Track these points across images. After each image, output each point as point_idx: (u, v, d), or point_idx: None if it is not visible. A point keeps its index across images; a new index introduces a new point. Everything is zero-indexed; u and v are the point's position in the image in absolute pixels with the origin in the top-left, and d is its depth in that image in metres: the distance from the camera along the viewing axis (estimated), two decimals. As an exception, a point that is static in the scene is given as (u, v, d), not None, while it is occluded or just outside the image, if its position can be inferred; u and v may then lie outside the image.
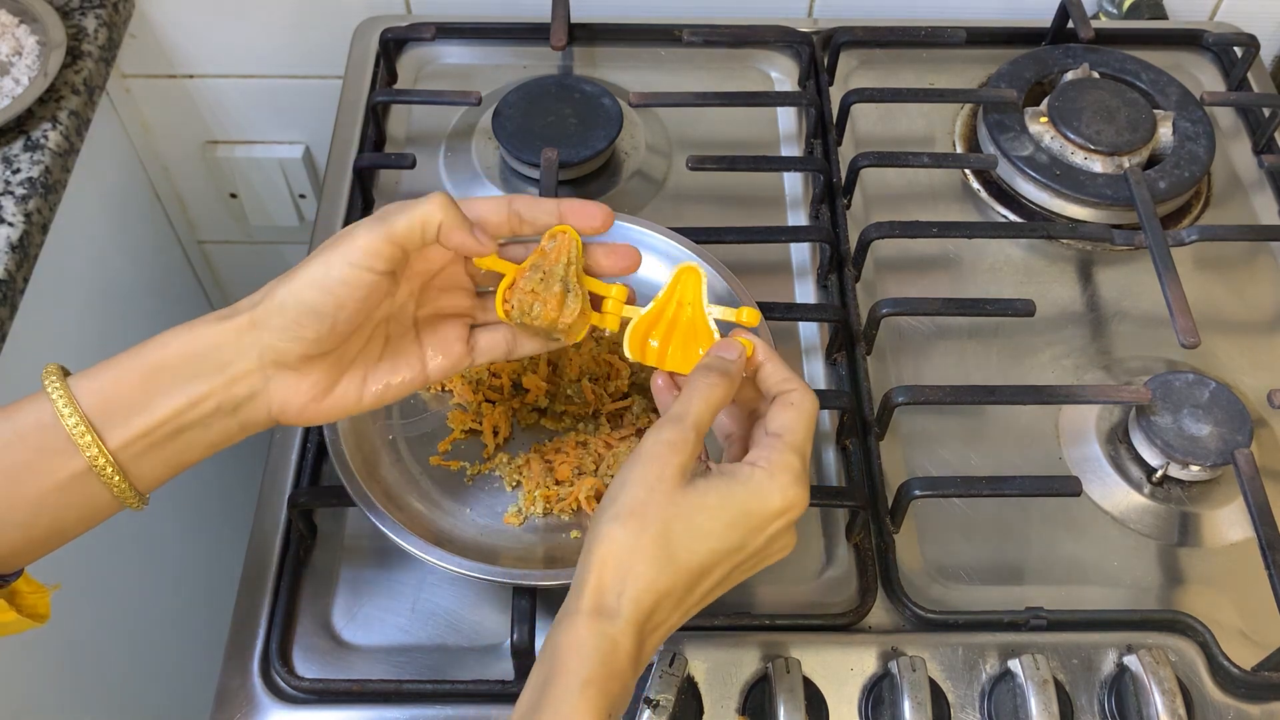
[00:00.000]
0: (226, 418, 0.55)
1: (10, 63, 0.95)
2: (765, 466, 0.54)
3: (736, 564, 0.54)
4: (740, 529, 0.53)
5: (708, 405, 0.56)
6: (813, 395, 0.58)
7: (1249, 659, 0.69)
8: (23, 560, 0.55)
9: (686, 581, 0.53)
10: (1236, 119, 1.00)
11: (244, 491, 0.87)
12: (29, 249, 0.89)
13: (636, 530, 0.52)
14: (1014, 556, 0.74)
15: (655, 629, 0.53)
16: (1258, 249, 0.92)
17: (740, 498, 0.54)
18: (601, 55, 1.03)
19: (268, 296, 0.55)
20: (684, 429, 0.55)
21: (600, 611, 0.51)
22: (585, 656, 0.50)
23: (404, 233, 0.56)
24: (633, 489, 0.53)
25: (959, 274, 0.89)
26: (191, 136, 1.23)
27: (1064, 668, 0.68)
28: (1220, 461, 0.74)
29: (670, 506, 0.52)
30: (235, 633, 0.70)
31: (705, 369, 0.58)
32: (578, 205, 0.60)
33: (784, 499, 0.54)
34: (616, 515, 0.53)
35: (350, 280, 0.55)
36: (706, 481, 0.54)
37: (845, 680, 0.68)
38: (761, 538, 0.54)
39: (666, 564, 0.52)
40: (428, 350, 0.61)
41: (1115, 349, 0.85)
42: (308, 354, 0.55)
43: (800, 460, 0.55)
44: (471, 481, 0.73)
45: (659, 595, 0.52)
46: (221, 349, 0.55)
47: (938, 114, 1.00)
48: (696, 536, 0.52)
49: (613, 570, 0.51)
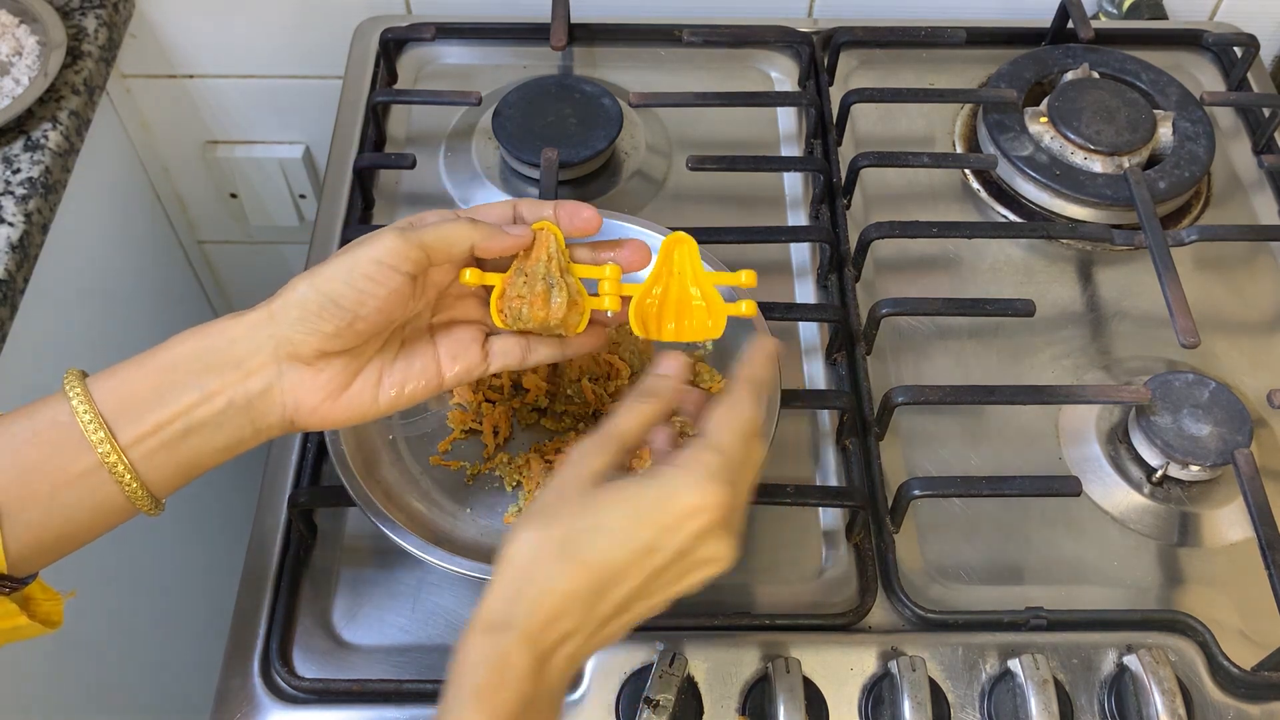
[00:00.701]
0: (239, 415, 0.55)
1: (10, 63, 0.95)
2: (677, 464, 0.52)
3: (654, 569, 0.51)
4: (648, 526, 0.50)
5: (636, 419, 0.55)
6: (753, 400, 0.56)
7: (1249, 659, 0.69)
8: (36, 564, 0.54)
9: (591, 584, 0.50)
10: (1236, 119, 1.00)
11: (244, 491, 0.87)
12: (29, 249, 0.89)
13: (540, 531, 0.51)
14: (1014, 556, 0.74)
15: (563, 639, 0.50)
16: (1258, 249, 0.92)
17: (646, 494, 0.51)
18: (601, 55, 1.03)
19: (288, 290, 0.56)
20: (604, 437, 0.54)
21: (493, 624, 0.49)
22: (473, 666, 0.49)
23: (433, 242, 0.56)
24: (544, 495, 0.52)
25: (959, 274, 0.89)
26: (191, 136, 1.23)
27: (1064, 668, 0.68)
28: (1220, 461, 0.74)
29: (576, 505, 0.51)
30: (235, 633, 0.70)
31: (639, 389, 0.57)
32: (569, 207, 0.61)
33: (698, 495, 0.51)
34: (525, 521, 0.52)
35: (375, 276, 0.55)
36: (618, 482, 0.52)
37: (845, 680, 0.68)
38: (675, 539, 0.51)
39: (568, 563, 0.50)
40: (444, 356, 0.61)
41: (1115, 349, 0.85)
42: (323, 348, 0.55)
43: (718, 457, 0.52)
44: (471, 481, 0.73)
45: (561, 597, 0.49)
46: (235, 343, 0.55)
47: (938, 114, 1.00)
48: (600, 533, 0.50)
49: (511, 577, 0.50)
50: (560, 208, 0.61)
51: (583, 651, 0.51)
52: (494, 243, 0.58)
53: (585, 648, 0.51)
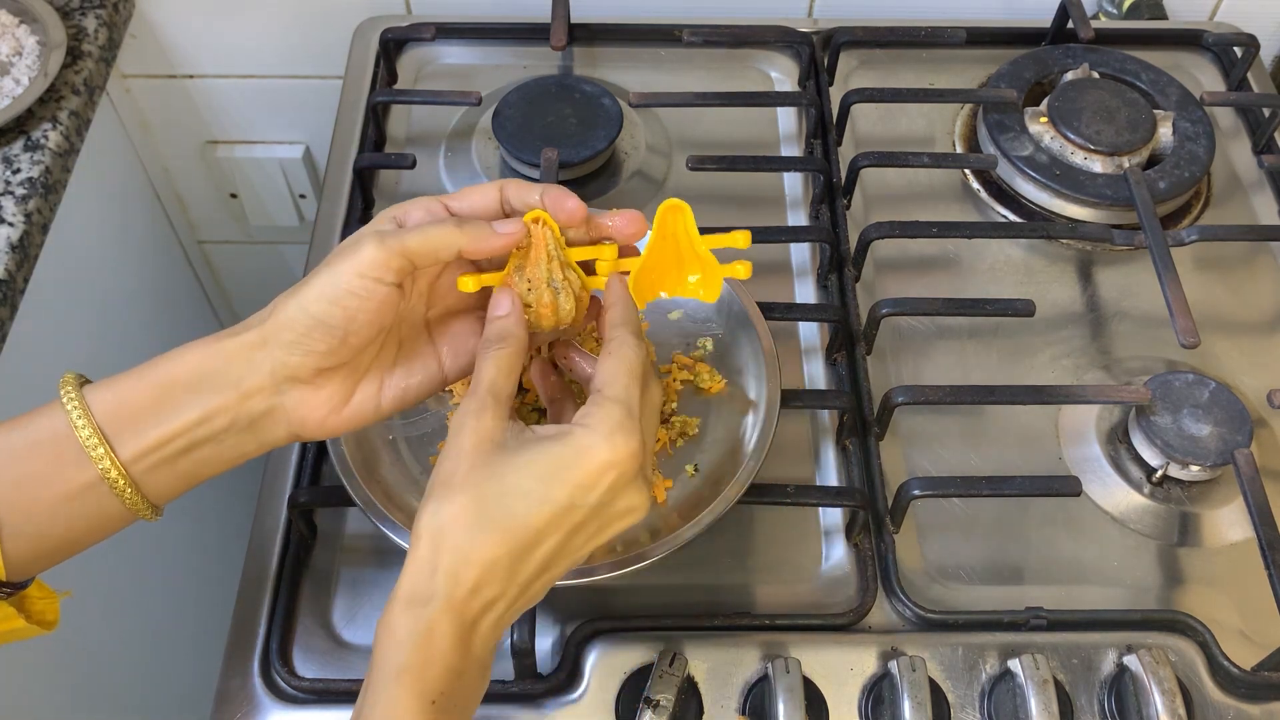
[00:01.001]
0: (242, 434, 0.55)
1: (10, 63, 0.95)
2: (584, 423, 0.52)
3: (573, 526, 0.52)
4: (564, 485, 0.51)
5: (498, 370, 0.55)
6: (635, 343, 0.56)
7: (1249, 659, 0.69)
8: (34, 569, 0.54)
9: (513, 548, 0.50)
10: (1236, 119, 1.00)
11: (244, 491, 0.87)
12: (29, 249, 0.89)
13: (451, 502, 0.50)
14: (1014, 556, 0.74)
15: (487, 606, 0.50)
16: (1258, 249, 0.92)
17: (556, 453, 0.51)
18: (601, 55, 1.03)
19: (276, 311, 0.54)
20: (479, 396, 0.53)
21: (414, 597, 0.49)
22: (398, 644, 0.48)
23: (417, 250, 0.54)
24: (444, 464, 0.52)
25: (959, 274, 0.89)
26: (191, 136, 1.23)
27: (1064, 668, 0.68)
28: (1220, 461, 0.74)
29: (481, 469, 0.51)
30: (235, 633, 0.70)
31: (486, 339, 0.57)
32: (555, 194, 0.59)
33: (610, 451, 0.51)
34: (433, 493, 0.51)
35: (360, 292, 0.53)
36: (520, 443, 0.52)
37: (845, 680, 0.68)
38: (593, 495, 0.51)
39: (483, 529, 0.50)
40: (443, 350, 0.61)
41: (1115, 349, 0.85)
42: (320, 367, 0.55)
43: (622, 409, 0.52)
44: (471, 481, 0.73)
45: (482, 566, 0.49)
46: (233, 365, 0.54)
47: (938, 114, 1.00)
48: (514, 496, 0.50)
49: (427, 550, 0.50)
50: (547, 194, 0.59)
51: (508, 616, 0.52)
52: (482, 245, 0.56)
53: (510, 612, 0.52)
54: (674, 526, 0.65)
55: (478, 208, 0.58)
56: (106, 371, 0.55)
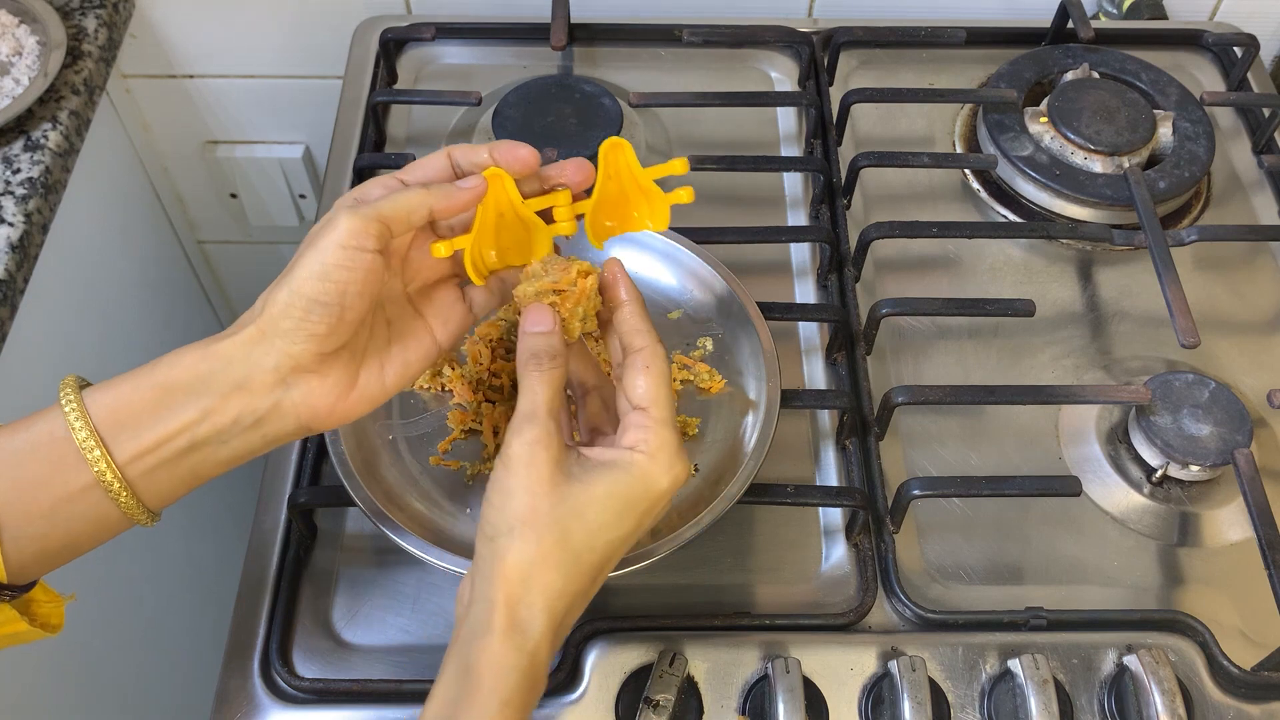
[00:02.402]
0: (247, 432, 0.55)
1: (10, 63, 0.95)
2: (645, 450, 0.55)
3: (633, 542, 0.56)
4: (633, 515, 0.55)
5: (550, 389, 0.56)
6: (662, 350, 0.58)
7: (1249, 659, 0.69)
8: (35, 572, 0.54)
9: (591, 576, 0.54)
10: (1236, 119, 1.00)
11: (244, 491, 0.87)
12: (29, 249, 0.89)
13: (535, 540, 0.52)
14: (1014, 556, 0.74)
15: (566, 626, 0.54)
16: (1258, 249, 0.92)
17: (626, 485, 0.54)
18: (601, 55, 1.03)
19: (269, 302, 0.55)
20: (541, 422, 0.55)
21: (514, 628, 0.51)
22: (503, 676, 0.50)
23: (391, 214, 0.55)
24: (518, 498, 0.53)
25: (959, 274, 0.89)
26: (191, 136, 1.23)
27: (1064, 668, 0.68)
28: (1220, 461, 0.74)
29: (560, 506, 0.53)
30: (235, 633, 0.70)
31: (532, 355, 0.58)
32: (505, 146, 0.60)
33: (671, 477, 0.55)
34: (510, 528, 0.53)
35: (346, 263, 0.54)
36: (588, 473, 0.54)
37: (845, 680, 0.68)
38: (650, 518, 0.56)
39: (572, 566, 0.53)
40: (432, 320, 0.61)
41: (1115, 349, 0.85)
42: (323, 351, 0.55)
43: (674, 433, 0.56)
44: (471, 481, 0.73)
45: (571, 599, 0.53)
46: (233, 364, 0.54)
47: (938, 114, 1.00)
48: (593, 531, 0.53)
49: (519, 583, 0.52)
50: (496, 149, 0.60)
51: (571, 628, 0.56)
52: (451, 203, 0.57)
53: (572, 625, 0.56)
54: (674, 526, 0.65)
55: (431, 176, 0.59)
56: (107, 372, 0.55)
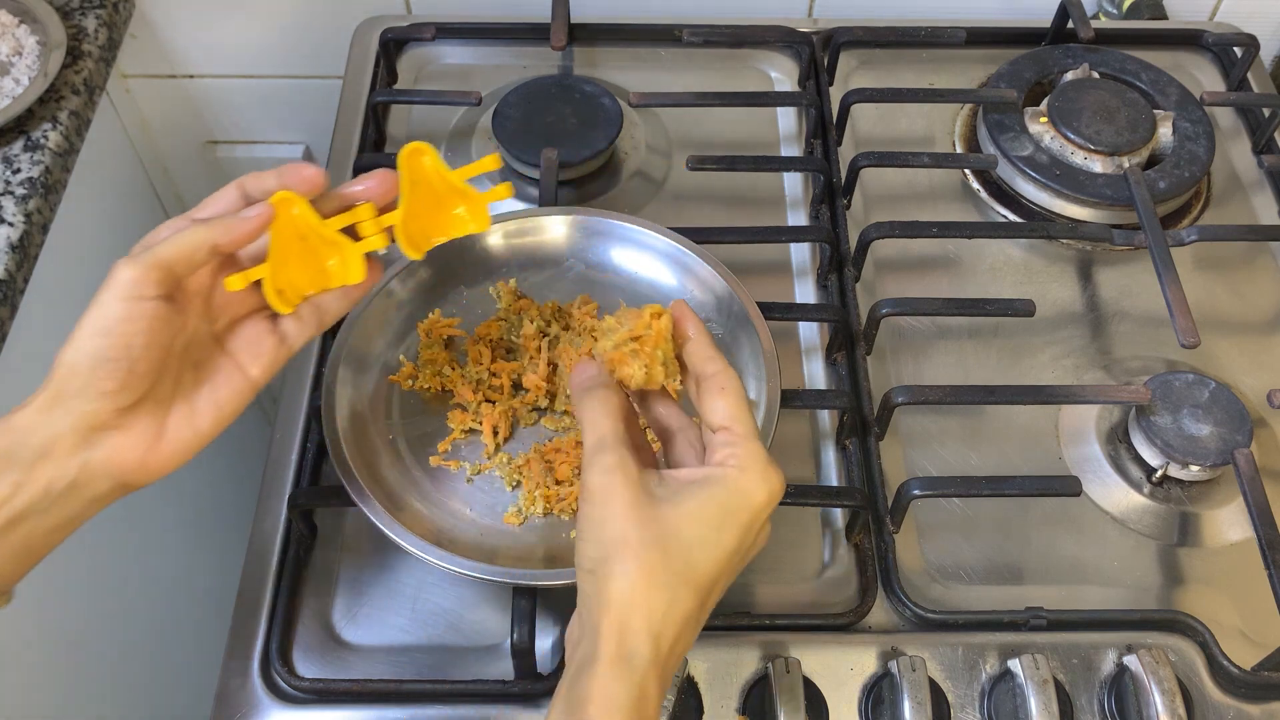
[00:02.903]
0: (65, 498, 0.54)
1: (10, 63, 0.95)
2: (736, 464, 0.53)
3: (738, 563, 0.54)
4: (735, 529, 0.52)
5: (610, 417, 0.55)
6: (735, 374, 0.57)
7: (1249, 659, 0.69)
8: None
9: (702, 598, 0.52)
10: (1236, 119, 1.00)
11: (244, 491, 0.87)
12: (29, 249, 0.89)
13: (635, 561, 0.50)
14: (1014, 556, 0.74)
15: (678, 657, 0.52)
16: (1258, 249, 0.92)
17: (720, 498, 0.52)
18: (601, 55, 1.03)
19: (58, 364, 0.54)
20: (612, 448, 0.53)
21: (620, 657, 0.49)
22: (614, 709, 0.48)
23: (169, 256, 0.54)
24: (609, 526, 0.51)
25: (959, 274, 0.89)
26: (191, 136, 1.23)
27: (1064, 668, 0.68)
28: (1220, 461, 0.74)
29: (653, 525, 0.51)
30: (235, 633, 0.70)
31: (585, 390, 0.57)
32: (291, 169, 0.59)
33: (768, 489, 0.53)
34: (607, 556, 0.51)
35: (127, 316, 0.53)
36: (677, 493, 0.53)
37: (845, 680, 0.68)
38: (754, 532, 0.54)
39: (678, 585, 0.51)
40: (240, 357, 0.60)
41: (1115, 349, 0.85)
42: (119, 406, 0.54)
43: (761, 446, 0.54)
44: (471, 481, 0.73)
45: (680, 622, 0.51)
46: (33, 433, 0.53)
47: (938, 114, 1.00)
48: (692, 548, 0.51)
49: (624, 608, 0.50)
50: (284, 173, 0.59)
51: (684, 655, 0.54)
52: (234, 234, 0.56)
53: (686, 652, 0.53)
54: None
55: (221, 210, 0.58)
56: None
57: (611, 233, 0.80)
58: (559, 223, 0.80)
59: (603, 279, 0.80)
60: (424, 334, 0.77)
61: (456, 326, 0.77)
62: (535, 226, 0.80)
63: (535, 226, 0.80)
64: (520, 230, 0.80)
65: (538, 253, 0.81)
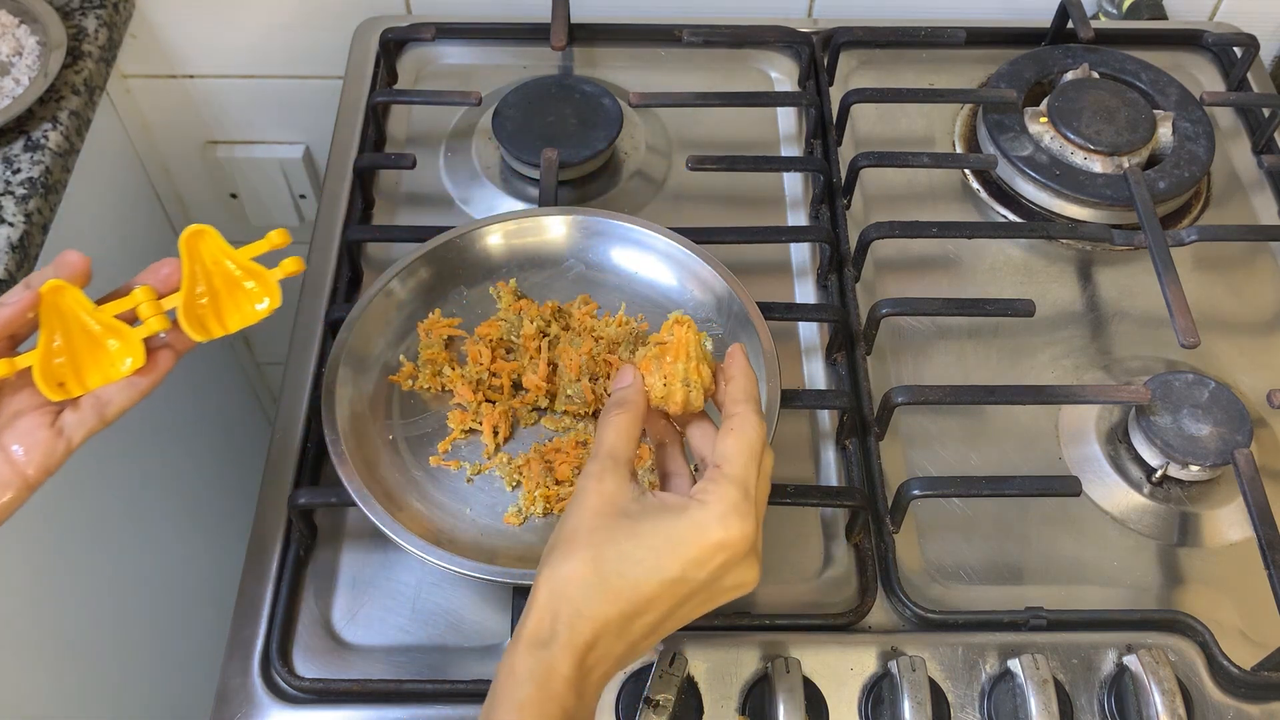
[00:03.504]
0: None
1: (11, 63, 0.95)
2: (701, 499, 0.54)
3: (682, 597, 0.53)
4: (677, 559, 0.52)
5: (617, 434, 0.57)
6: (757, 420, 0.57)
7: (1249, 659, 0.69)
8: None
9: (624, 610, 0.52)
10: (1236, 119, 1.00)
11: (244, 491, 0.87)
12: (29, 249, 0.89)
13: (569, 558, 0.53)
14: (1014, 556, 0.74)
15: (599, 661, 0.52)
16: (1257, 249, 0.92)
17: (671, 526, 0.53)
18: (601, 55, 1.03)
19: None
20: (601, 460, 0.56)
21: (535, 639, 0.51)
22: (520, 681, 0.50)
23: None
24: (567, 523, 0.54)
25: (959, 274, 0.89)
26: (191, 136, 1.23)
27: (1064, 668, 0.68)
28: (1220, 461, 0.74)
29: (600, 532, 0.53)
30: (235, 633, 0.70)
31: (610, 404, 0.60)
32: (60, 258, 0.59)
33: (723, 531, 0.53)
34: (553, 547, 0.54)
35: None
36: (641, 511, 0.54)
37: (845, 680, 0.68)
38: (704, 572, 0.53)
39: (599, 589, 0.52)
40: (17, 457, 0.58)
41: (1115, 349, 0.85)
42: None
43: (739, 491, 0.54)
44: (471, 481, 0.73)
45: (597, 623, 0.51)
46: None
47: (938, 114, 1.00)
48: (628, 563, 0.52)
49: (548, 598, 0.52)
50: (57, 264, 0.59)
51: (613, 671, 0.54)
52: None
53: (616, 668, 0.54)
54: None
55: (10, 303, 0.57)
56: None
57: (611, 233, 0.80)
58: (559, 223, 0.80)
59: (603, 279, 0.80)
60: (424, 334, 0.77)
61: (456, 326, 0.77)
62: (535, 226, 0.80)
63: (535, 226, 0.80)
64: (520, 230, 0.80)
65: (538, 253, 0.81)
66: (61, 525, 1.03)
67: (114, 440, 1.11)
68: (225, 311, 0.61)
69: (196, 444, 1.30)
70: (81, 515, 1.06)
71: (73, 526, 1.05)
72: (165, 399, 1.21)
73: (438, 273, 0.79)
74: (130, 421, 0.64)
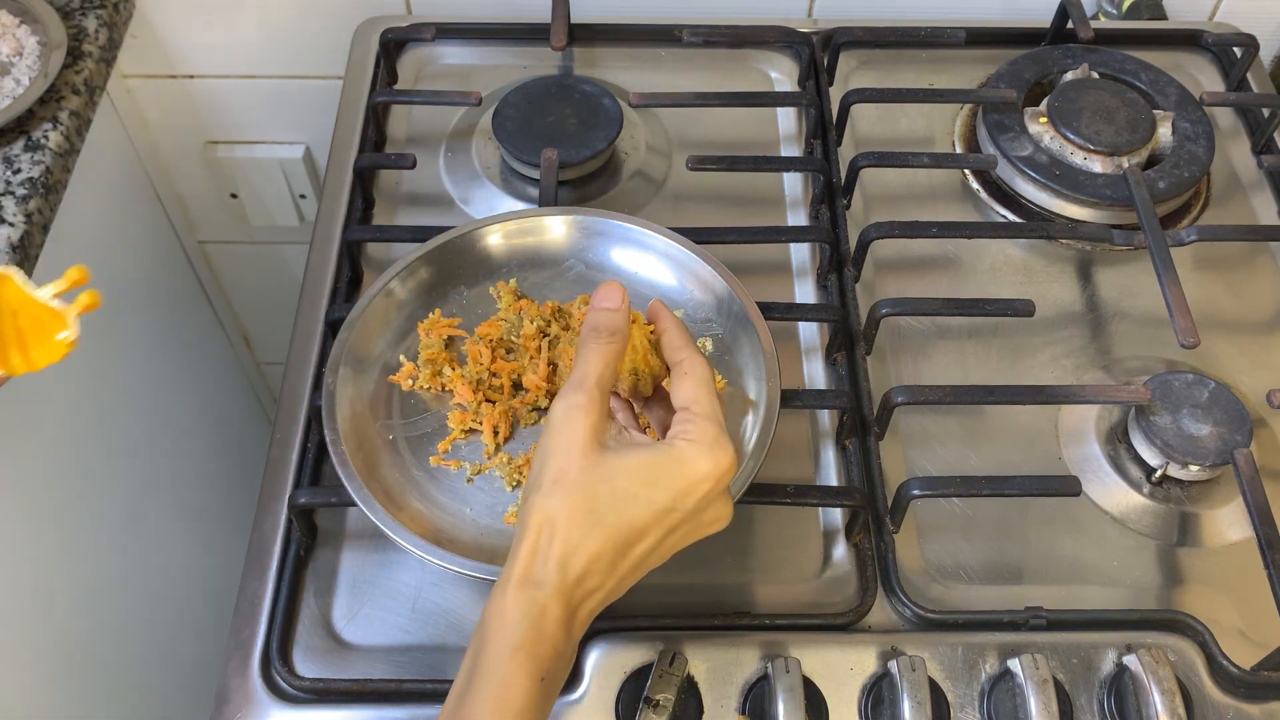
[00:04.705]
0: None
1: (11, 63, 0.95)
2: (685, 437, 0.55)
3: (669, 528, 0.55)
4: (667, 490, 0.54)
5: (604, 362, 0.57)
6: (703, 359, 0.59)
7: (1249, 659, 0.69)
8: None
9: (616, 544, 0.53)
10: (1236, 119, 1.00)
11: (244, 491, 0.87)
12: (29, 249, 0.89)
13: (560, 496, 0.53)
14: (1014, 556, 0.74)
15: (588, 595, 0.53)
16: (1257, 249, 0.92)
17: (660, 461, 0.54)
18: (601, 55, 1.03)
19: None
20: (586, 390, 0.56)
21: (527, 579, 0.52)
22: (513, 623, 0.51)
23: None
24: (552, 459, 0.54)
25: (959, 274, 0.89)
26: (191, 136, 1.23)
27: (1064, 667, 0.68)
28: (1220, 461, 0.74)
29: (591, 470, 0.53)
30: (235, 632, 0.70)
31: (593, 329, 0.59)
32: None
33: (711, 462, 0.54)
34: (539, 486, 0.54)
35: None
36: (622, 446, 0.55)
37: (845, 680, 0.68)
38: (690, 501, 0.55)
39: (592, 526, 0.53)
40: None
41: (1115, 349, 0.85)
42: None
43: (716, 425, 0.56)
44: (471, 481, 0.73)
45: (588, 558, 0.52)
46: None
47: (938, 114, 1.00)
48: (620, 498, 0.53)
49: (537, 538, 0.52)
50: None
51: (601, 605, 0.55)
52: None
53: (604, 602, 0.55)
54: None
55: None
56: (107, 371, 0.54)
57: (611, 233, 0.80)
58: (559, 223, 0.81)
59: (602, 279, 0.80)
60: (424, 334, 0.77)
61: (456, 326, 0.78)
62: (535, 226, 0.80)
63: (535, 226, 0.80)
64: (520, 230, 0.80)
65: (538, 253, 0.81)
66: (62, 525, 1.03)
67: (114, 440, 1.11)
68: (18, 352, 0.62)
69: (196, 444, 1.30)
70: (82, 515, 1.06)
71: (73, 526, 1.05)
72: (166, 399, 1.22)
73: (438, 273, 0.79)
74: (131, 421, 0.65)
